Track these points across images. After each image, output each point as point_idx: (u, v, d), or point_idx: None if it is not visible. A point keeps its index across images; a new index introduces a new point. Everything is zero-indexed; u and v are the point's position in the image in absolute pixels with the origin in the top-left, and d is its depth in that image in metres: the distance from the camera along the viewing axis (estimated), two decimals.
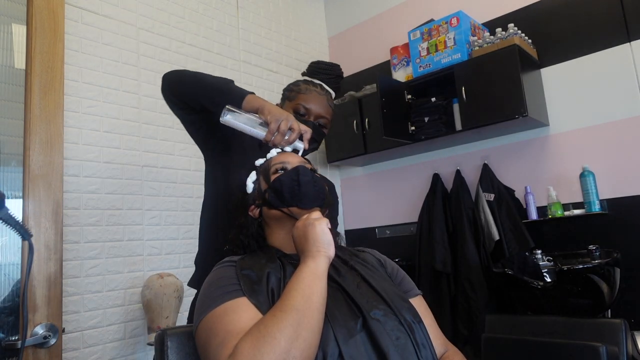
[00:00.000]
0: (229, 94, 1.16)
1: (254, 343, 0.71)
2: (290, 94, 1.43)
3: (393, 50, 2.87)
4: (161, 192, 2.25)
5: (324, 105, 1.41)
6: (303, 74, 1.52)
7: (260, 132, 1.10)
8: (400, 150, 2.83)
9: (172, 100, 1.27)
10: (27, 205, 1.34)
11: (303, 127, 1.12)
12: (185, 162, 2.38)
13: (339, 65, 1.55)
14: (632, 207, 2.18)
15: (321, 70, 1.50)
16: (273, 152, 1.12)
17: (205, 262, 1.26)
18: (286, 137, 1.08)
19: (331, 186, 1.50)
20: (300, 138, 1.13)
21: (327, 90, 1.46)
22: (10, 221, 0.85)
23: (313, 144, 1.36)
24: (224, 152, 1.33)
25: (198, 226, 1.41)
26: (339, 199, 3.25)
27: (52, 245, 1.37)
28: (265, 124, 1.09)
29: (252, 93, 1.18)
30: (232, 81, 1.21)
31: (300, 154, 1.12)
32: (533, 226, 2.38)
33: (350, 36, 3.39)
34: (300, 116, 1.38)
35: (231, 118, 1.10)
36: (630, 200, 2.19)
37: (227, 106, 1.10)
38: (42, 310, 1.31)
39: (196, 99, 1.21)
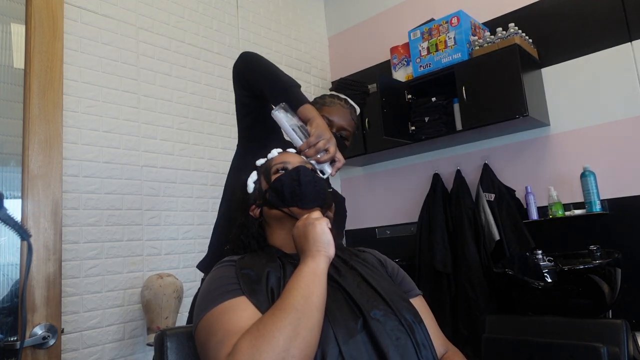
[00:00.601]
0: (291, 94, 1.18)
1: (253, 342, 0.71)
2: (315, 106, 1.40)
3: (393, 50, 2.86)
4: (161, 192, 2.24)
5: (346, 119, 1.45)
6: (330, 89, 1.59)
7: (298, 139, 1.11)
8: (400, 150, 2.83)
9: (239, 77, 1.29)
10: (26, 205, 1.33)
11: (339, 155, 1.12)
12: (184, 162, 2.38)
13: (365, 83, 1.62)
14: (633, 207, 2.18)
15: (347, 86, 1.57)
16: (274, 152, 1.11)
17: (217, 249, 1.27)
18: (319, 155, 1.08)
19: (341, 200, 1.51)
20: (332, 162, 1.12)
21: (351, 105, 1.49)
22: (9, 221, 0.85)
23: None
24: (260, 147, 1.32)
25: (198, 226, 1.41)
26: None
27: (51, 245, 1.36)
28: (308, 134, 1.10)
29: (311, 103, 1.20)
30: (299, 86, 1.23)
31: (325, 176, 1.11)
32: (534, 226, 2.37)
33: (350, 36, 3.39)
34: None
35: (281, 115, 1.13)
36: (631, 200, 2.18)
37: (283, 103, 1.14)
38: (41, 311, 1.31)
39: (260, 85, 1.23)
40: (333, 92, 1.55)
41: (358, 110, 1.54)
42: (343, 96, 1.51)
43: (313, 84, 3.31)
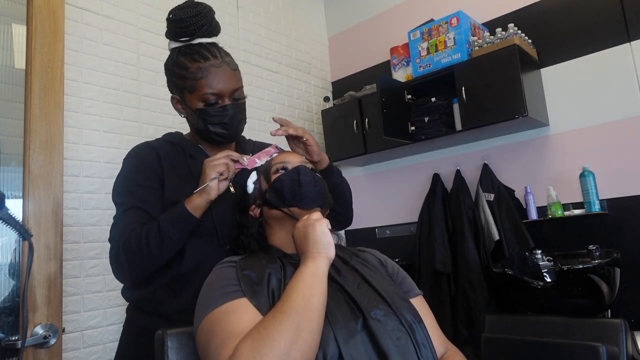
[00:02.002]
0: (174, 221, 1.06)
1: (254, 345, 0.71)
2: (187, 82, 1.15)
3: (393, 50, 2.87)
4: None
5: (229, 76, 1.17)
6: (175, 37, 1.19)
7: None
8: (400, 150, 2.83)
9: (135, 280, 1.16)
10: (27, 205, 1.34)
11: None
12: None
13: (197, 3, 1.18)
14: (632, 207, 2.18)
15: (192, 26, 1.15)
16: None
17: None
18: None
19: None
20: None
21: (218, 52, 1.18)
22: (10, 221, 0.85)
23: (243, 123, 1.23)
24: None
25: None
26: None
27: (52, 245, 1.37)
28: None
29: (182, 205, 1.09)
30: (165, 219, 1.08)
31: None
32: (533, 226, 2.38)
33: (350, 36, 3.39)
34: (215, 105, 1.16)
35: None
36: (630, 200, 2.19)
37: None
38: (42, 310, 1.31)
39: (151, 264, 1.08)
40: (184, 48, 1.17)
41: (218, 40, 1.20)
42: (199, 41, 1.17)
43: (313, 84, 3.31)
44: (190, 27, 1.15)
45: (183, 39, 1.18)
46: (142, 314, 1.17)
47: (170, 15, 1.17)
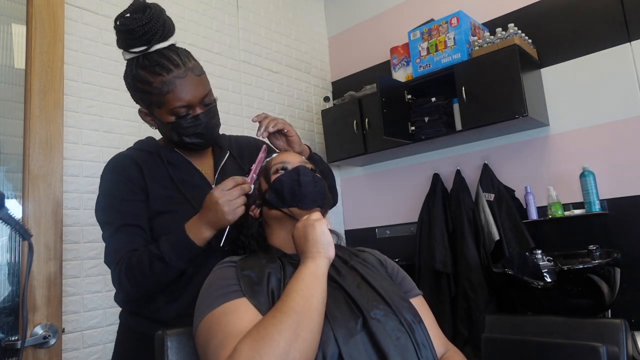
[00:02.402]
0: (176, 244, 1.03)
1: (253, 344, 0.71)
2: (152, 97, 1.09)
3: (393, 50, 2.87)
4: None
5: (196, 83, 1.10)
6: (126, 46, 1.08)
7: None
8: (400, 150, 2.83)
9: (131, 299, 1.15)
10: (27, 205, 1.34)
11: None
12: None
13: (143, 4, 1.07)
14: (633, 207, 2.18)
15: (144, 34, 1.04)
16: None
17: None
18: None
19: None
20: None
21: (179, 59, 1.08)
22: (10, 221, 0.85)
23: (217, 127, 1.20)
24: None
25: None
26: (339, 199, 3.25)
27: (51, 245, 1.37)
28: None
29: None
30: (167, 241, 1.05)
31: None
32: (533, 226, 2.38)
33: (350, 36, 3.39)
34: (186, 117, 1.11)
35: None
36: (630, 200, 2.19)
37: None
38: (42, 311, 1.31)
39: (155, 282, 1.06)
40: (143, 59, 1.07)
41: (175, 39, 1.11)
42: (156, 47, 1.07)
43: (313, 84, 3.31)
44: (144, 36, 1.04)
45: (137, 50, 1.07)
46: (138, 318, 1.15)
47: (118, 23, 1.06)
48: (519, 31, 2.36)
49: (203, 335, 0.81)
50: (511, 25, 2.36)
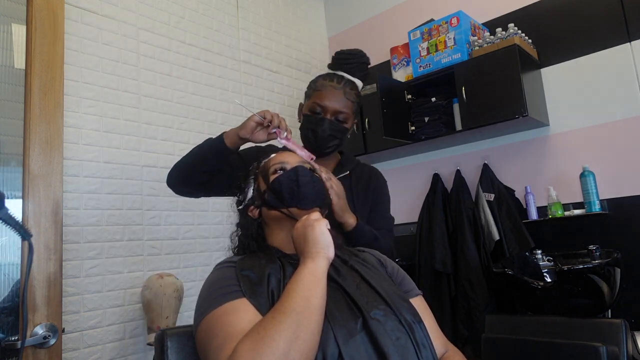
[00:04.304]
0: (211, 142, 1.25)
1: (253, 345, 0.71)
2: (309, 91, 1.41)
3: (393, 50, 2.87)
4: (161, 192, 2.24)
5: (339, 100, 1.35)
6: (329, 66, 1.47)
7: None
8: (400, 150, 2.83)
9: (182, 187, 1.35)
10: (27, 205, 1.34)
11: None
12: None
13: (361, 52, 1.48)
14: (633, 207, 2.18)
15: (343, 61, 1.44)
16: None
17: None
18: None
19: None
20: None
21: (345, 82, 1.38)
22: (10, 221, 0.85)
23: (334, 141, 1.36)
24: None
25: (198, 226, 1.42)
26: None
27: (51, 245, 1.37)
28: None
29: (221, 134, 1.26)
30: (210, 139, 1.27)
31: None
32: (533, 226, 2.38)
33: (350, 36, 3.39)
34: (316, 115, 1.35)
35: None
36: (630, 200, 2.19)
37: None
38: (41, 310, 1.31)
39: (197, 169, 1.27)
40: (329, 71, 1.44)
41: (360, 83, 1.44)
42: (340, 73, 1.41)
43: None
44: (342, 61, 1.44)
45: (334, 70, 1.44)
46: None
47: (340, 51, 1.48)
48: (519, 31, 2.36)
49: (203, 335, 0.81)
50: (511, 25, 2.36)
